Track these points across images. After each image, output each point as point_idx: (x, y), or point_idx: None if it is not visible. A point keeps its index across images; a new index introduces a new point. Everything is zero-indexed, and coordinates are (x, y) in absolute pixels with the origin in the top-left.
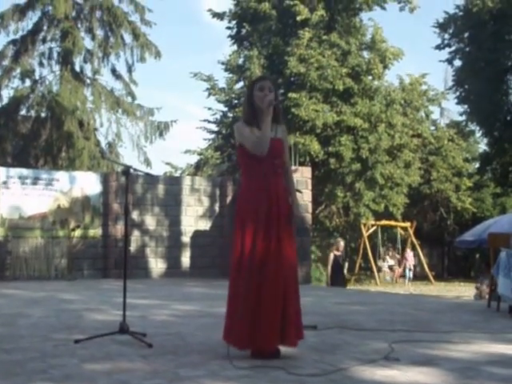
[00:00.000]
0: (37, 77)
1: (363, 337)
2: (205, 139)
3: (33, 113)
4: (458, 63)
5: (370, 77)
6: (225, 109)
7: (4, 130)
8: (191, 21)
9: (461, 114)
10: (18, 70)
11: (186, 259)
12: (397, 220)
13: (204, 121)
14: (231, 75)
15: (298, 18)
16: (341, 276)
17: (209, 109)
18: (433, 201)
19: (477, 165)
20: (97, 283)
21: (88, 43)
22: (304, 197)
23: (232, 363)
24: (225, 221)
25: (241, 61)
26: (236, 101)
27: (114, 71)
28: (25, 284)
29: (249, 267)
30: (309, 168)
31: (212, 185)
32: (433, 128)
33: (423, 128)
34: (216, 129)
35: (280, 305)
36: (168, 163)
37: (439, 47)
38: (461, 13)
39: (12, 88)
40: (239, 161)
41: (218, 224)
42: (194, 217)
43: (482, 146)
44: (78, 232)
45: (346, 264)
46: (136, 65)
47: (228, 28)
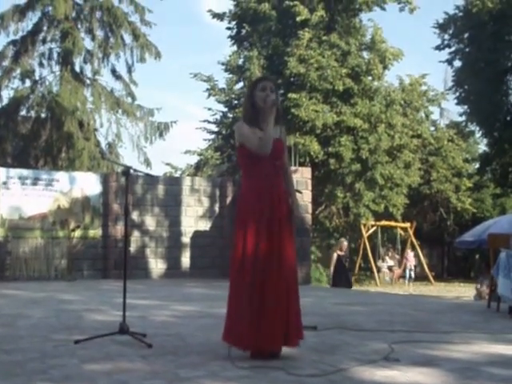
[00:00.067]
0: (37, 77)
1: (363, 337)
2: (205, 140)
3: (33, 113)
4: (458, 64)
5: (370, 77)
6: (225, 109)
7: (4, 131)
8: (191, 21)
9: (461, 115)
10: (18, 71)
11: (186, 260)
12: (397, 220)
13: (204, 121)
14: (231, 76)
15: (298, 19)
16: (344, 276)
17: (209, 109)
18: (433, 201)
19: (477, 165)
20: (97, 284)
21: (88, 44)
22: (304, 197)
23: (234, 363)
24: (225, 221)
25: (241, 61)
26: (236, 101)
27: (114, 72)
28: (25, 284)
29: (252, 268)
30: (309, 168)
31: (212, 185)
32: (433, 128)
33: (423, 128)
34: (216, 129)
35: (283, 305)
36: (168, 164)
37: (439, 48)
38: (461, 13)
39: (12, 88)
40: (239, 161)
41: (218, 224)
42: (194, 217)
43: (482, 147)
44: (78, 232)
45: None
46: (136, 65)
47: (228, 28)
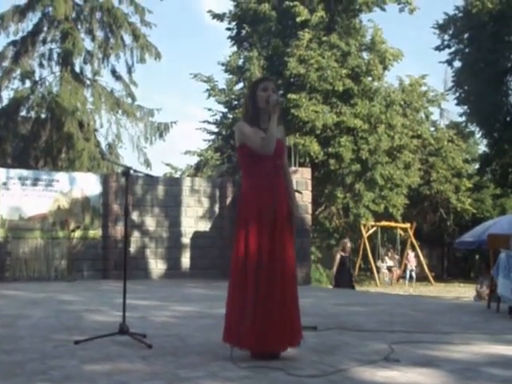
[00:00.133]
0: (37, 78)
1: (363, 338)
2: (205, 140)
3: (33, 114)
4: (458, 64)
5: (370, 78)
6: (225, 110)
7: (4, 131)
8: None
9: (460, 115)
10: (18, 71)
11: (186, 260)
12: (397, 221)
13: (204, 122)
14: (231, 76)
15: (298, 19)
16: (347, 278)
17: (209, 110)
18: (432, 202)
19: (476, 166)
20: (97, 284)
21: (88, 44)
22: (304, 198)
23: (236, 364)
24: (225, 222)
25: (241, 62)
26: (236, 102)
27: (114, 72)
28: (24, 285)
29: (255, 268)
30: (308, 169)
31: (212, 186)
32: (432, 129)
33: (423, 129)
34: (216, 130)
35: (287, 306)
36: (168, 164)
37: (439, 48)
38: (460, 14)
39: (12, 89)
40: (240, 161)
41: (218, 225)
42: (194, 218)
43: (482, 147)
44: (78, 233)
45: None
46: (136, 66)
47: (228, 29)
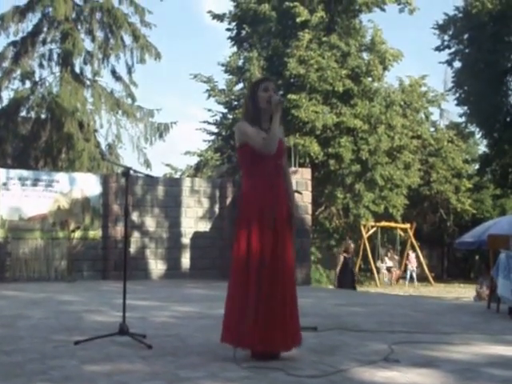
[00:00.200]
0: (37, 78)
1: (363, 338)
2: (205, 141)
3: (33, 114)
4: (458, 65)
5: (370, 78)
6: (225, 110)
7: (4, 132)
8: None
9: (460, 116)
10: (18, 72)
11: (186, 260)
12: (396, 221)
13: (204, 122)
14: (231, 77)
15: (298, 20)
16: (349, 278)
17: (209, 110)
18: (432, 202)
19: (476, 166)
20: (97, 284)
21: (88, 45)
22: (304, 198)
23: (239, 364)
24: (225, 222)
25: (240, 62)
26: (236, 102)
27: (114, 73)
28: (24, 285)
29: (258, 267)
30: (308, 169)
31: (212, 186)
32: (432, 129)
33: (423, 129)
34: (216, 130)
35: (288, 306)
36: (168, 165)
37: (439, 49)
38: (460, 14)
39: (12, 89)
40: (240, 161)
41: (218, 225)
42: (194, 218)
43: (482, 148)
44: (78, 233)
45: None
46: (136, 66)
47: (228, 29)
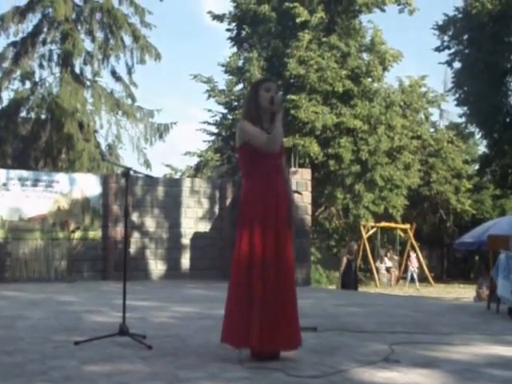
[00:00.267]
0: (37, 79)
1: (363, 338)
2: (205, 141)
3: (33, 115)
4: (458, 65)
5: (370, 79)
6: (224, 111)
7: (4, 132)
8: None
9: (460, 116)
10: (18, 72)
11: (186, 261)
12: (396, 222)
13: (204, 123)
14: (231, 77)
15: (298, 20)
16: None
17: (209, 111)
18: (432, 203)
19: (476, 166)
20: (96, 285)
21: (88, 45)
22: (304, 198)
23: (243, 365)
24: (224, 223)
25: (240, 63)
26: (236, 103)
27: (114, 73)
28: (24, 286)
29: (261, 268)
30: (308, 170)
31: (212, 187)
32: (432, 130)
33: (423, 130)
34: (216, 131)
35: (289, 306)
36: (168, 165)
37: (439, 49)
38: (460, 15)
39: (12, 90)
40: (241, 161)
41: (218, 226)
42: (194, 219)
43: (482, 148)
44: (78, 234)
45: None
46: (136, 67)
47: (228, 30)
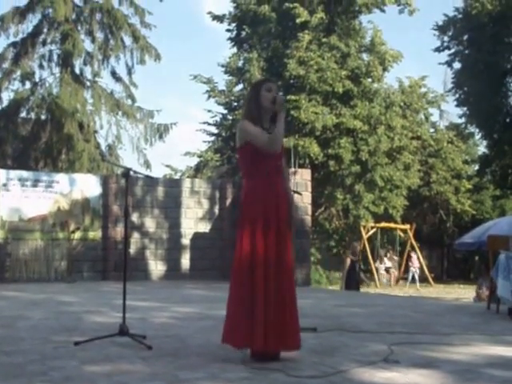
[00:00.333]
0: (37, 79)
1: (363, 339)
2: (204, 141)
3: (33, 115)
4: (458, 65)
5: (370, 79)
6: (224, 111)
7: (4, 133)
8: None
9: (460, 117)
10: (18, 73)
11: (186, 261)
12: (396, 222)
13: (204, 123)
14: (231, 77)
15: (298, 21)
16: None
17: (209, 111)
18: (432, 203)
19: (476, 167)
20: (96, 285)
21: (88, 46)
22: (304, 199)
23: (247, 366)
24: (224, 223)
25: (240, 63)
26: (236, 103)
27: (114, 74)
28: (24, 286)
29: (264, 268)
30: (308, 170)
31: (212, 187)
32: (432, 130)
33: (423, 130)
34: (216, 131)
35: (289, 306)
36: (168, 165)
37: (439, 49)
38: (460, 15)
39: (12, 90)
40: (241, 161)
41: (218, 226)
42: (194, 219)
43: (482, 148)
44: (78, 234)
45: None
46: (136, 67)
47: (228, 30)
